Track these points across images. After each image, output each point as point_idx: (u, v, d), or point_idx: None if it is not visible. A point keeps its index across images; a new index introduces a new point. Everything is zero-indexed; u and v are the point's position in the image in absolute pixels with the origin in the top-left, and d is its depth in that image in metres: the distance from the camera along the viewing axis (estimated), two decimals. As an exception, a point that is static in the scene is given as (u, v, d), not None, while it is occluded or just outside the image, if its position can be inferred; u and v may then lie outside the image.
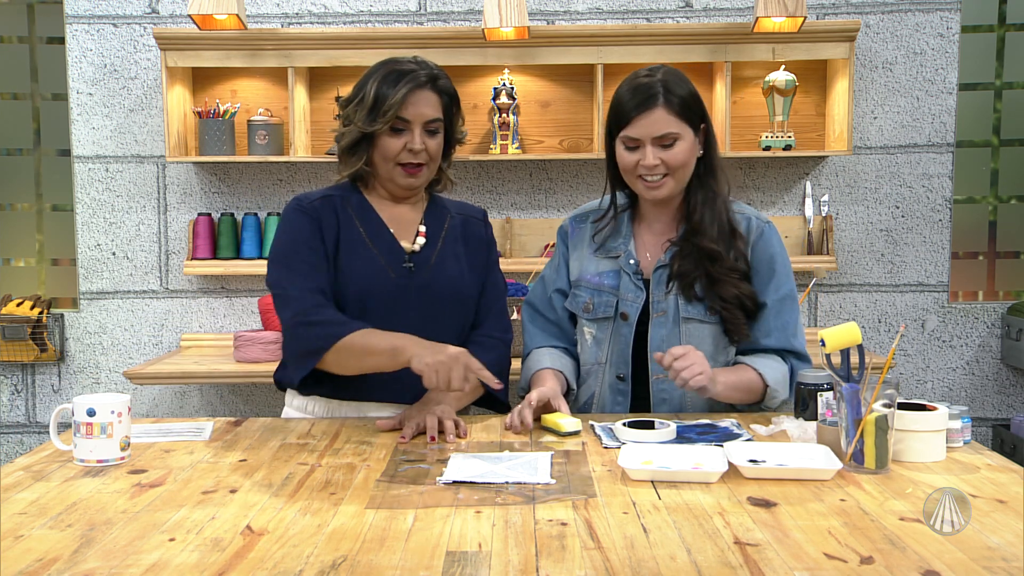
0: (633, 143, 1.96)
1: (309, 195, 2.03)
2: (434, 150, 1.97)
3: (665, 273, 2.02)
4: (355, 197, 2.04)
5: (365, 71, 2.00)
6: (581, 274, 2.10)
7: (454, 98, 2.01)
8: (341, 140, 2.00)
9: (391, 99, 1.91)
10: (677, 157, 1.95)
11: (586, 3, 3.72)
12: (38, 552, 1.22)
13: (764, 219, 2.06)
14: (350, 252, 1.98)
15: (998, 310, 3.78)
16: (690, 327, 2.00)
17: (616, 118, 1.99)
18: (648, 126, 1.94)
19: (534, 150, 3.72)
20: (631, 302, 2.03)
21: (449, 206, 2.12)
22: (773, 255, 2.02)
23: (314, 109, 3.72)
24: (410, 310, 1.98)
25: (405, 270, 1.99)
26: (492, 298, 2.10)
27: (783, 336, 2.02)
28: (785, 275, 2.03)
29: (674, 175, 1.97)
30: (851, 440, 1.55)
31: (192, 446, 1.77)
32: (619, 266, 2.06)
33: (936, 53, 3.69)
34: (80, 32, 3.71)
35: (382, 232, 2.01)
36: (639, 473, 1.52)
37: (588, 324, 2.09)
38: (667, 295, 2.02)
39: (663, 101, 1.93)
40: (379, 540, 1.25)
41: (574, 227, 2.15)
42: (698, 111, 1.99)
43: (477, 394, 2.03)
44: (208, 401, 3.81)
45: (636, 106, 1.94)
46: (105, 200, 3.76)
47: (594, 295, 2.07)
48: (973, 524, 1.29)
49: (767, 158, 3.70)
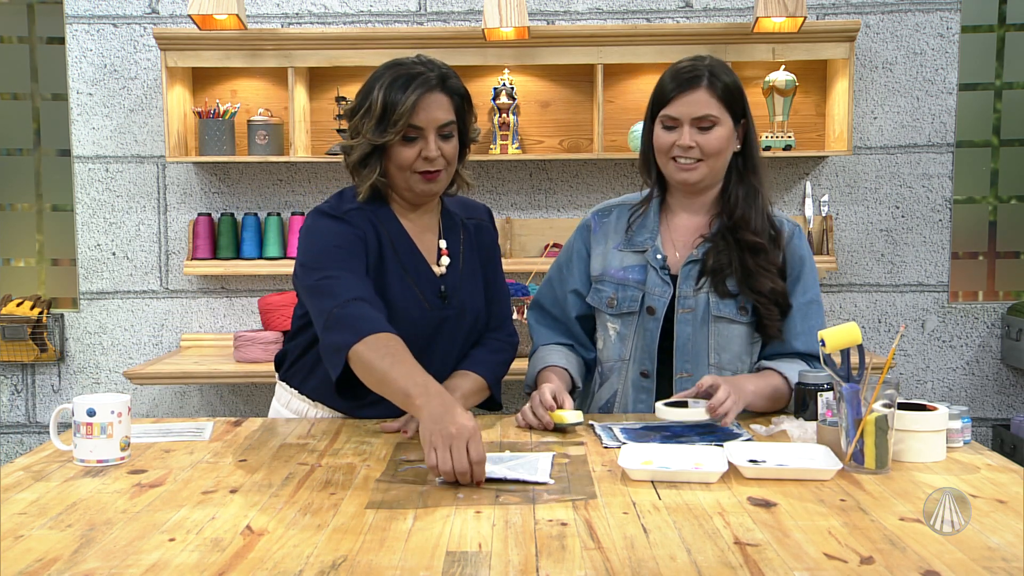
0: (672, 122, 1.96)
1: (340, 204, 1.92)
2: (450, 154, 1.88)
3: (695, 268, 2.00)
4: (382, 211, 1.94)
5: (369, 75, 1.90)
6: (605, 268, 2.07)
7: (465, 97, 1.92)
8: (351, 153, 1.89)
9: (401, 107, 1.80)
10: (713, 143, 1.94)
11: (586, 3, 3.72)
12: (38, 552, 1.22)
13: (794, 222, 2.07)
14: (390, 282, 1.90)
15: (998, 310, 3.78)
16: (720, 326, 1.98)
17: (658, 98, 1.99)
18: (689, 105, 1.94)
19: (534, 150, 3.72)
20: (658, 296, 2.01)
21: (457, 210, 2.06)
22: (803, 257, 2.02)
23: (314, 109, 3.72)
24: (440, 338, 1.95)
25: (439, 301, 1.94)
26: (500, 302, 2.09)
27: (810, 340, 1.99)
28: (812, 279, 2.03)
29: (707, 161, 1.96)
30: (851, 440, 1.55)
31: (192, 446, 1.77)
32: (646, 260, 2.03)
33: (936, 53, 3.69)
34: (80, 32, 3.71)
35: (415, 258, 1.94)
36: (639, 473, 1.52)
37: (612, 319, 2.06)
38: (697, 291, 1.99)
39: (707, 83, 1.94)
40: (379, 540, 1.25)
41: (597, 222, 2.13)
42: (740, 102, 1.99)
43: (482, 396, 2.02)
44: (208, 401, 3.81)
45: (679, 85, 1.95)
46: (105, 200, 3.76)
47: (619, 289, 2.04)
48: (973, 524, 1.29)
49: (767, 158, 3.70)
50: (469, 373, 1.98)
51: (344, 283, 1.80)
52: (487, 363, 2.01)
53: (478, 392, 1.98)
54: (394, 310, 1.88)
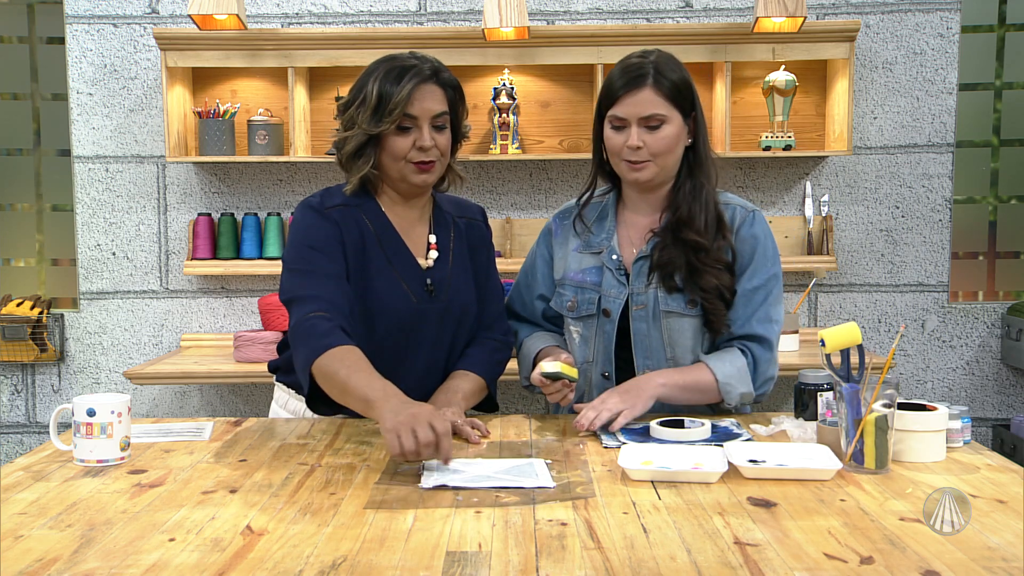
0: (619, 123, 1.94)
1: (325, 200, 1.94)
2: (443, 145, 1.90)
3: (646, 264, 1.99)
4: (369, 205, 1.96)
5: (363, 71, 1.93)
6: (565, 272, 2.07)
7: (458, 90, 1.95)
8: (344, 145, 1.91)
9: (396, 96, 1.83)
10: (661, 142, 1.92)
11: (586, 3, 3.72)
12: (38, 552, 1.22)
13: (749, 208, 2.02)
14: (373, 275, 1.92)
15: (998, 310, 3.78)
16: (670, 320, 1.97)
17: (605, 97, 1.96)
18: (635, 105, 1.91)
19: (534, 150, 3.72)
20: (613, 298, 2.00)
21: (450, 208, 2.07)
22: (755, 244, 1.98)
23: (314, 109, 3.72)
24: (427, 331, 1.96)
25: (425, 294, 1.96)
26: (494, 300, 2.09)
27: (748, 324, 1.95)
28: (764, 264, 1.97)
29: (656, 160, 1.93)
30: (851, 440, 1.55)
31: (192, 446, 1.77)
32: (601, 262, 2.03)
33: (936, 53, 3.69)
34: (80, 32, 3.71)
35: (401, 250, 1.96)
36: (639, 473, 1.52)
37: (574, 323, 2.06)
38: (647, 287, 1.98)
39: (652, 82, 1.91)
40: (379, 540, 1.25)
41: (558, 225, 2.12)
42: (689, 97, 1.95)
43: (481, 396, 2.02)
44: (208, 401, 3.81)
45: (624, 84, 1.92)
46: (105, 200, 3.76)
47: (578, 292, 2.04)
48: (973, 524, 1.29)
49: (767, 158, 3.70)
50: (468, 373, 1.98)
51: (310, 295, 1.83)
52: (485, 363, 2.02)
53: (478, 392, 2.00)
54: (378, 302, 1.91)
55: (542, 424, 1.93)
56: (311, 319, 1.80)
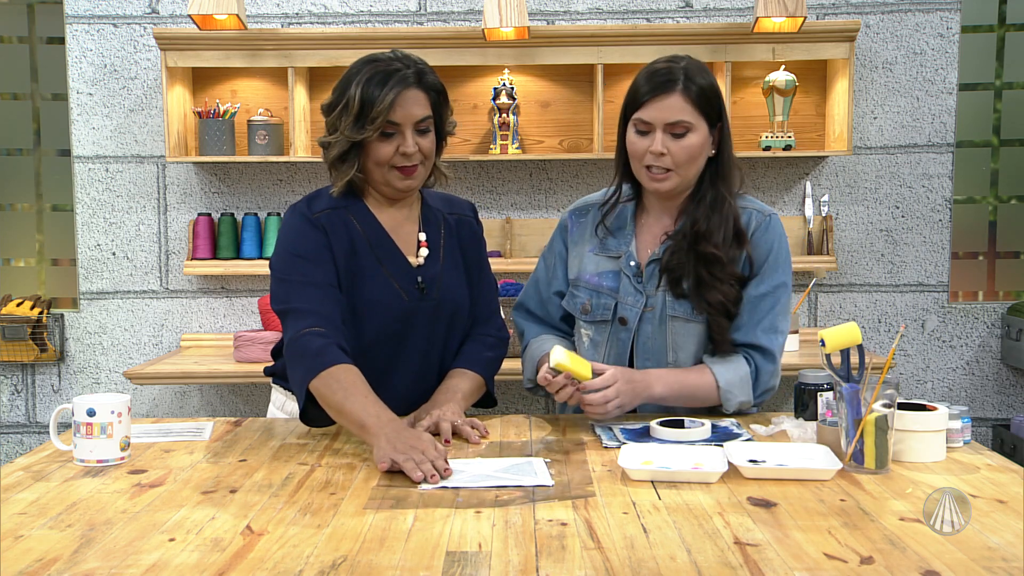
0: (645, 127, 1.90)
1: (313, 204, 1.95)
2: (427, 149, 1.90)
3: (657, 267, 1.97)
4: (356, 206, 1.96)
5: (345, 71, 1.91)
6: (580, 273, 2.04)
7: (441, 92, 1.93)
8: (329, 149, 1.91)
9: (379, 104, 1.82)
10: (685, 151, 1.88)
11: (586, 3, 3.72)
12: (38, 552, 1.22)
13: (766, 212, 1.99)
14: (364, 275, 1.92)
15: (998, 310, 3.78)
16: (676, 325, 1.95)
17: (631, 100, 1.93)
18: (662, 110, 1.88)
19: (534, 150, 3.72)
20: (630, 306, 1.97)
21: (439, 205, 2.06)
22: (767, 250, 1.95)
23: (314, 109, 3.72)
24: (420, 329, 1.96)
25: (417, 292, 1.95)
26: (487, 297, 2.09)
27: (751, 332, 1.93)
28: (772, 270, 1.95)
29: (679, 170, 1.90)
30: (851, 440, 1.55)
31: (192, 446, 1.77)
32: (619, 267, 2.00)
33: (936, 53, 3.69)
34: (80, 32, 3.71)
35: (391, 250, 1.95)
36: (639, 473, 1.52)
37: (586, 326, 2.04)
38: (656, 290, 1.96)
39: (681, 87, 1.88)
40: (379, 540, 1.25)
41: (574, 221, 2.10)
42: (716, 107, 1.92)
43: (480, 394, 2.03)
44: (208, 401, 3.81)
45: (652, 88, 1.89)
46: (105, 200, 3.76)
47: (593, 296, 2.02)
48: (973, 524, 1.29)
49: (767, 158, 3.70)
50: (466, 372, 1.98)
51: (303, 308, 1.84)
52: (482, 360, 2.02)
53: (476, 391, 2.00)
54: (370, 302, 1.91)
55: (542, 424, 1.93)
56: (306, 336, 1.80)
